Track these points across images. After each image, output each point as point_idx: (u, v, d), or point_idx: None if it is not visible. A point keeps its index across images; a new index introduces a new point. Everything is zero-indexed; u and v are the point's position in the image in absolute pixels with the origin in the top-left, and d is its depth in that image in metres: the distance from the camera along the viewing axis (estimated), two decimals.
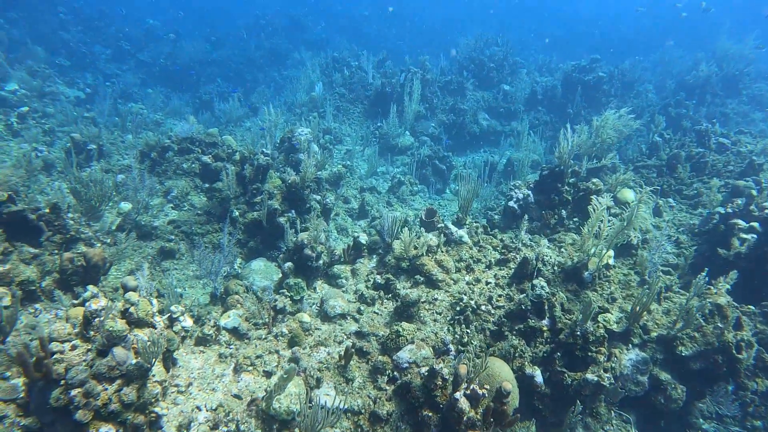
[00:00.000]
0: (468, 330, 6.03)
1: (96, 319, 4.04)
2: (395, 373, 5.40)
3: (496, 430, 4.36)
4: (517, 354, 5.55)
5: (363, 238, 7.72)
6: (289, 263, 7.07)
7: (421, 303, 6.42)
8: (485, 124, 15.99)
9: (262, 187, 8.49)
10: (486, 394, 4.50)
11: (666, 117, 14.35)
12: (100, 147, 10.11)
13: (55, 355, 3.78)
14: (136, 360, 4.03)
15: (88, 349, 3.96)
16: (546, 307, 5.85)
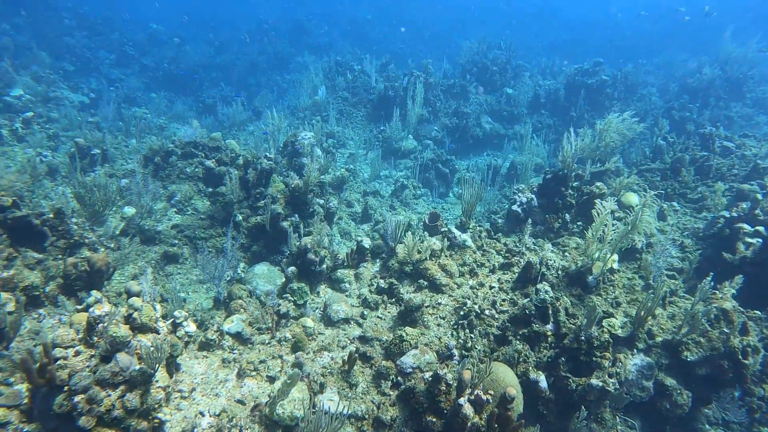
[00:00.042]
0: (472, 335, 6.01)
1: (99, 325, 4.04)
2: (399, 378, 5.38)
3: None
4: (521, 359, 5.52)
5: (366, 243, 7.71)
6: (292, 268, 7.07)
7: (425, 307, 6.40)
8: (488, 127, 15.98)
9: (266, 191, 8.50)
10: (490, 400, 4.48)
11: (669, 120, 14.32)
12: (104, 152, 10.15)
13: (58, 361, 3.78)
14: (139, 366, 4.02)
15: (92, 355, 3.96)
16: (550, 312, 5.82)
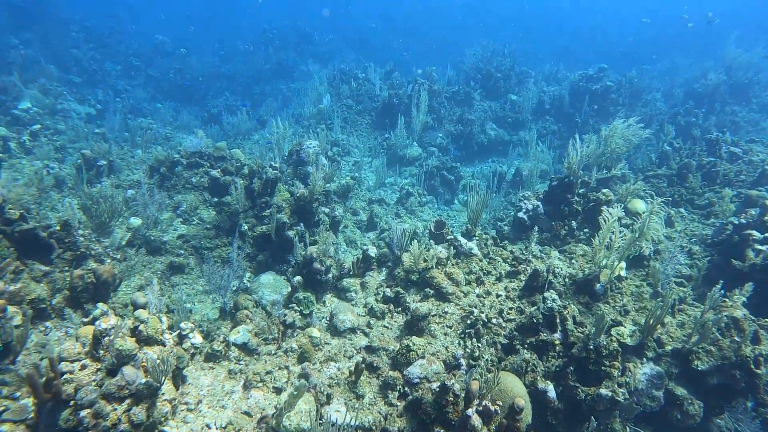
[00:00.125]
0: (479, 344, 5.96)
1: (105, 338, 4.03)
2: (406, 389, 5.34)
3: None
4: (529, 368, 5.47)
5: (372, 251, 7.69)
6: (298, 277, 7.06)
7: (432, 316, 6.36)
8: (493, 134, 15.97)
9: (271, 200, 8.51)
10: (498, 411, 4.44)
11: (675, 126, 14.26)
12: (110, 163, 10.21)
13: (64, 375, 3.78)
14: (145, 379, 4.01)
15: (98, 369, 3.95)
16: (558, 320, 5.77)
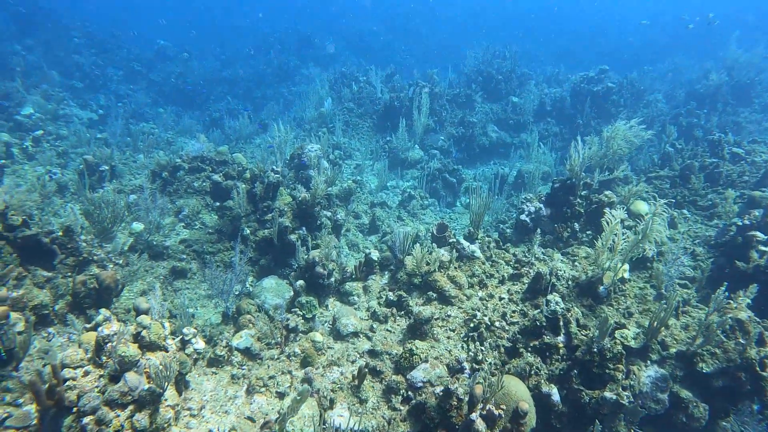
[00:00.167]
0: (482, 347, 5.94)
1: (108, 344, 4.03)
2: (409, 393, 5.33)
3: None
4: (532, 371, 5.45)
5: (374, 255, 7.68)
6: (300, 281, 7.05)
7: (434, 320, 6.35)
8: (494, 136, 15.96)
9: (273, 204, 8.51)
10: (502, 415, 4.42)
11: (677, 127, 14.23)
12: (112, 168, 10.21)
13: (67, 382, 3.77)
14: (148, 385, 4.00)
15: (101, 375, 3.94)
16: (561, 323, 5.75)
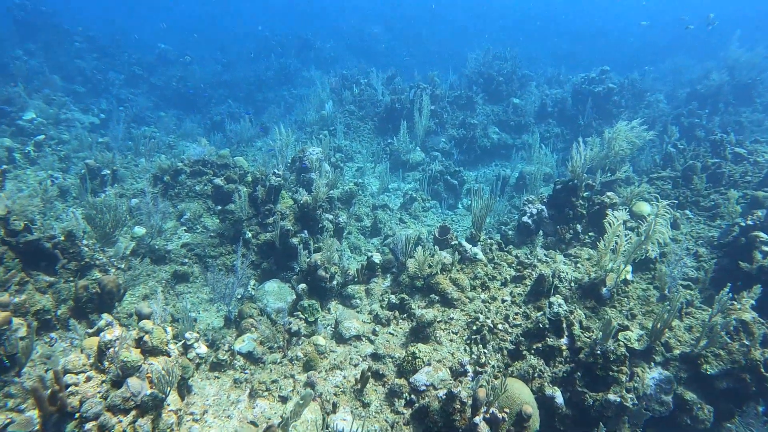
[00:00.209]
0: (485, 350, 5.92)
1: (110, 350, 4.02)
2: (412, 396, 5.31)
3: None
4: (536, 374, 5.43)
5: (376, 258, 7.67)
6: (302, 285, 7.05)
7: (437, 323, 6.33)
8: (496, 137, 15.95)
9: (275, 207, 8.51)
10: (506, 418, 4.40)
11: (679, 127, 14.21)
12: (114, 172, 10.23)
13: (69, 388, 3.77)
14: (150, 390, 4.00)
15: (103, 381, 3.94)
16: (564, 326, 5.72)
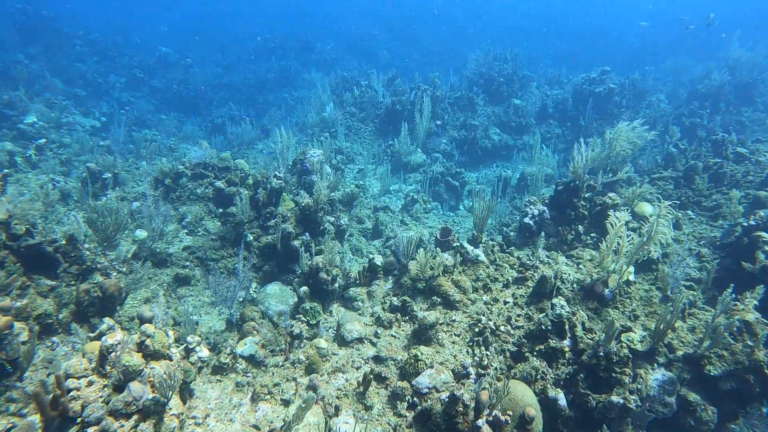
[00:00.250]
0: (488, 352, 5.91)
1: (112, 354, 4.01)
2: (415, 399, 5.30)
3: None
4: (539, 376, 5.41)
5: (378, 260, 7.66)
6: (304, 287, 7.04)
7: (439, 325, 6.32)
8: (497, 138, 15.94)
9: (276, 210, 8.50)
10: (509, 421, 4.39)
11: (680, 127, 14.19)
12: (115, 175, 10.23)
13: (71, 392, 3.76)
14: (152, 394, 3.98)
15: (105, 385, 3.93)
16: (567, 327, 5.71)
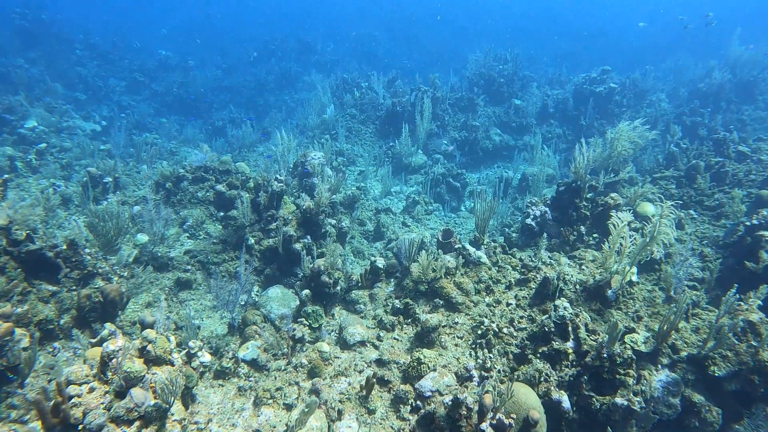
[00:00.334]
0: (491, 354, 5.88)
1: (113, 360, 4.00)
2: (418, 402, 5.27)
3: None
4: (542, 378, 5.38)
5: (380, 262, 7.63)
6: (306, 291, 7.02)
7: (442, 327, 6.29)
8: (498, 139, 15.91)
9: (277, 213, 8.48)
10: (513, 424, 4.37)
11: (681, 126, 14.14)
12: (116, 179, 10.23)
13: (72, 399, 3.74)
14: (154, 400, 3.97)
15: (106, 391, 3.91)
16: (570, 329, 5.68)
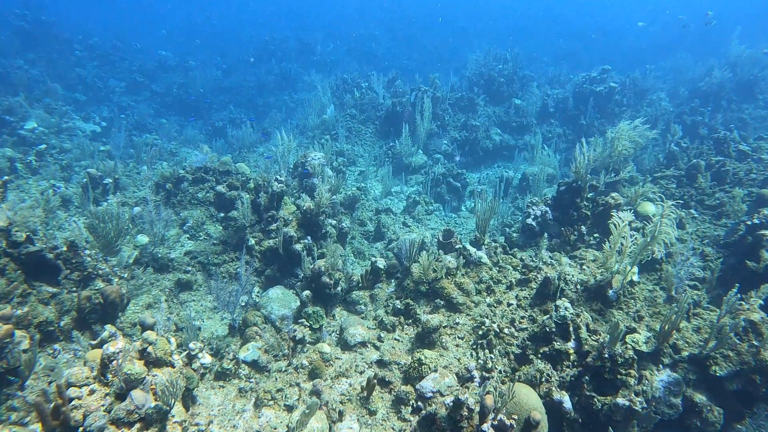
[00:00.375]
0: (492, 355, 5.87)
1: (114, 362, 3.99)
2: (419, 403, 5.26)
3: None
4: (543, 378, 5.37)
5: (381, 263, 7.62)
6: (307, 291, 7.01)
7: (443, 328, 6.28)
8: (498, 139, 15.90)
9: (278, 214, 8.47)
10: (514, 425, 4.36)
11: (681, 125, 14.13)
12: (116, 180, 10.22)
13: (72, 401, 3.73)
14: (155, 402, 3.96)
15: (107, 394, 3.90)
16: (571, 329, 5.67)
